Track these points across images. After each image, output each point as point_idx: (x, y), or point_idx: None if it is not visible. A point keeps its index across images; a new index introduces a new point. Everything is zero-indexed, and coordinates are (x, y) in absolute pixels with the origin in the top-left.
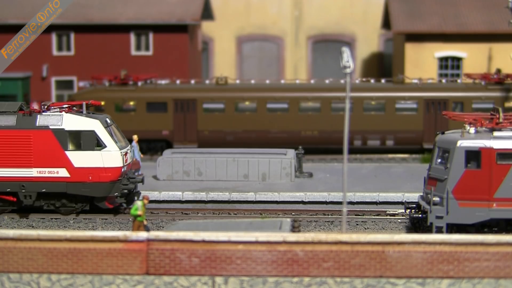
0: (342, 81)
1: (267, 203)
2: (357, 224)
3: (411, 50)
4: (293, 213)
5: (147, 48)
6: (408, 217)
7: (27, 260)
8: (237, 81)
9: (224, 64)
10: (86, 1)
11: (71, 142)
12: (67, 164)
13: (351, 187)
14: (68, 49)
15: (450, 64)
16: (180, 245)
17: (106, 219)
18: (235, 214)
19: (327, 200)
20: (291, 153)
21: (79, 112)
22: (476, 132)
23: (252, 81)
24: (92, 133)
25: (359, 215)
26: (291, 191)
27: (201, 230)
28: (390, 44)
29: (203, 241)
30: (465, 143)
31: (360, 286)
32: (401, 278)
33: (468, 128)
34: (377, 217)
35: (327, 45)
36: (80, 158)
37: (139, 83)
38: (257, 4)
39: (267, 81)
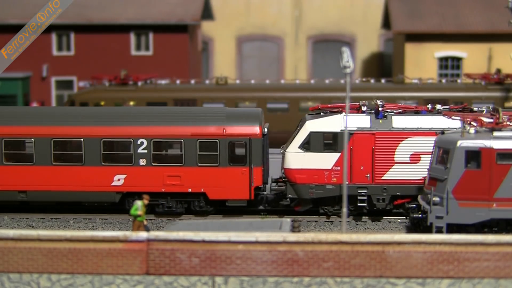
0: (342, 81)
1: None
2: (357, 224)
3: (411, 50)
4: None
5: (147, 48)
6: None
7: (27, 260)
8: (237, 81)
9: (224, 64)
10: (86, 1)
11: None
12: None
13: None
14: (68, 49)
15: (450, 64)
16: (180, 245)
17: (106, 219)
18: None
19: None
20: None
21: None
22: (476, 132)
23: (252, 81)
24: None
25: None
26: None
27: (201, 230)
28: (390, 44)
29: (203, 241)
30: (465, 143)
31: (360, 286)
32: (401, 278)
33: (468, 128)
34: (377, 217)
35: (327, 45)
36: None
37: (139, 83)
38: (257, 4)
39: (267, 81)
